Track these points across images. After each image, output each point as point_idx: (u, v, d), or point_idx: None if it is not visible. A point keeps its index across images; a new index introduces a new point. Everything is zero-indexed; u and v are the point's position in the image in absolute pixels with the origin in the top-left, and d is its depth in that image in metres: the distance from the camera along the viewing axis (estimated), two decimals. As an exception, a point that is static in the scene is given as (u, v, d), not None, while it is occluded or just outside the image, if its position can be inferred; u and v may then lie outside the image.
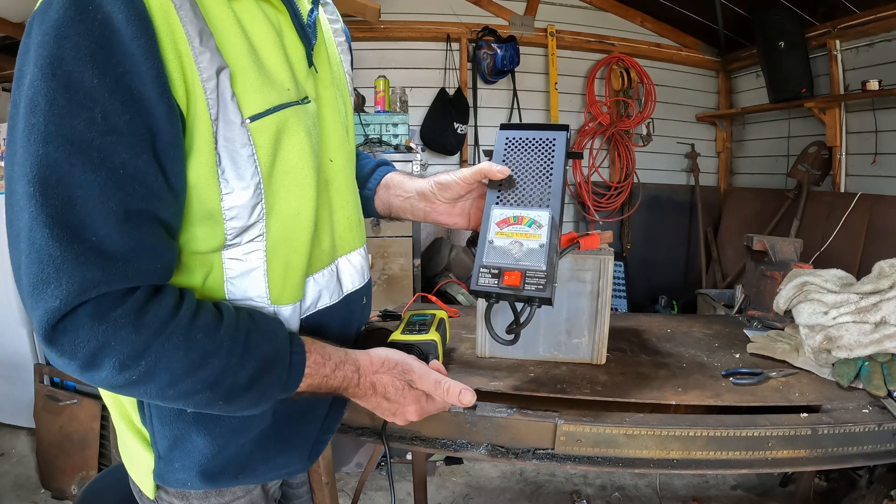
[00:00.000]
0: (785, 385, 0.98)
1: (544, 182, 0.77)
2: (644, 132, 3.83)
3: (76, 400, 2.22)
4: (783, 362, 1.07)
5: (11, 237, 0.53)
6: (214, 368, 0.58)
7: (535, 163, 0.79)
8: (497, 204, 0.77)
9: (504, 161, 0.80)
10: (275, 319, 0.67)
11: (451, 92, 3.56)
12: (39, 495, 2.26)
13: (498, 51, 3.50)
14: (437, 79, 3.61)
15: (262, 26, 0.64)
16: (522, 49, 3.57)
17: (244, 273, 0.65)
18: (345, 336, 0.82)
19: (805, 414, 0.88)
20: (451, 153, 3.62)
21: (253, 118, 0.61)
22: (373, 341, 0.79)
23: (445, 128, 3.49)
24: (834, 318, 0.98)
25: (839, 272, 1.09)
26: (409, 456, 2.19)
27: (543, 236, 0.72)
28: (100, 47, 0.51)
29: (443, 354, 0.86)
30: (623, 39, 3.79)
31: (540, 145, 0.80)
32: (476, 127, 3.67)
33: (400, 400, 0.72)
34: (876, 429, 0.85)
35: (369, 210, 0.96)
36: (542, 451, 0.88)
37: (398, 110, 3.33)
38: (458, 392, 0.70)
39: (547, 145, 0.80)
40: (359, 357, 0.70)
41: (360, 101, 3.22)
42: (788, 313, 1.10)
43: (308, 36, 0.71)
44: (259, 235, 0.65)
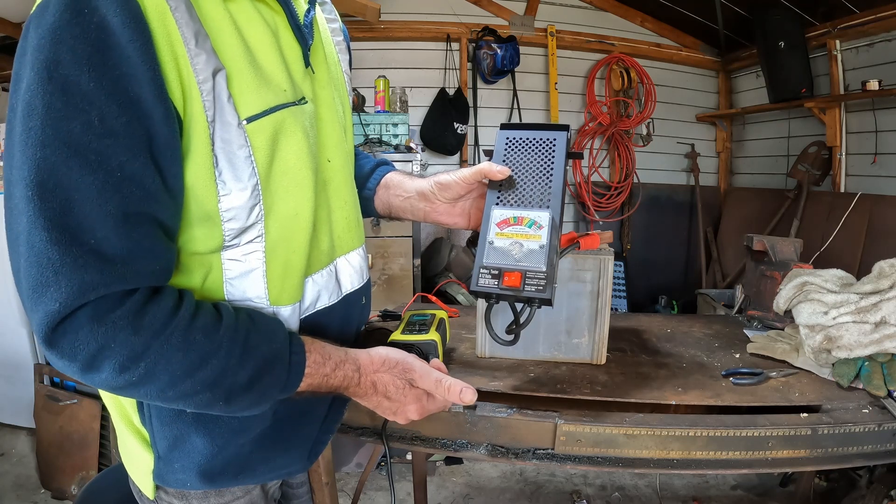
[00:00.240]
0: (785, 385, 0.98)
1: (544, 182, 0.77)
2: (644, 132, 3.83)
3: (76, 400, 2.22)
4: (783, 362, 1.07)
5: (11, 240, 0.53)
6: (214, 369, 0.58)
7: (536, 163, 0.79)
8: (497, 204, 0.77)
9: (504, 161, 0.80)
10: (274, 320, 0.67)
11: (451, 92, 3.56)
12: (39, 495, 2.26)
13: (498, 51, 3.50)
14: (437, 79, 3.61)
15: (258, 27, 0.64)
16: (522, 49, 3.57)
17: (243, 274, 0.65)
18: (344, 336, 0.82)
19: (805, 414, 0.88)
20: (451, 153, 3.62)
21: (250, 119, 0.61)
22: (372, 341, 0.79)
23: (445, 128, 3.49)
24: (834, 318, 0.98)
25: (839, 272, 1.09)
26: (409, 456, 2.19)
27: (543, 237, 0.72)
28: (96, 50, 0.50)
29: (443, 354, 0.86)
30: (623, 39, 3.79)
31: (540, 145, 0.80)
32: (476, 127, 3.67)
33: (401, 399, 0.72)
34: (876, 429, 0.85)
35: (369, 210, 0.96)
36: (542, 451, 0.88)
37: (398, 110, 3.32)
38: (459, 390, 0.70)
39: (547, 145, 0.80)
40: (359, 356, 0.70)
41: (360, 101, 3.22)
42: (788, 313, 1.10)
43: (304, 36, 0.71)
44: (258, 236, 0.65)
